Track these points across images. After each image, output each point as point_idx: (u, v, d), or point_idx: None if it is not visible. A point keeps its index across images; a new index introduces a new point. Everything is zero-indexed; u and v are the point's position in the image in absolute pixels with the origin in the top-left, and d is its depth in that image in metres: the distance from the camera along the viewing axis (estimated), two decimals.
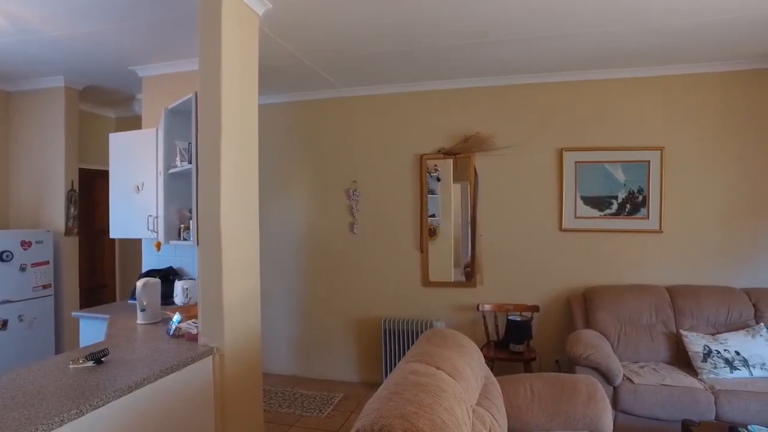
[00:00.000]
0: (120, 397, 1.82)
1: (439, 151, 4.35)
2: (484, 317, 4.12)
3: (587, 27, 3.13)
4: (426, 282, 4.42)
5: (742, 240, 3.88)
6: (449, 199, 4.37)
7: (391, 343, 4.27)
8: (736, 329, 3.48)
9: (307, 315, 4.74)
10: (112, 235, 3.70)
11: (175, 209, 3.13)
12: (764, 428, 2.32)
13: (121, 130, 3.91)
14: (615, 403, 3.15)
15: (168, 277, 3.57)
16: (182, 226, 3.12)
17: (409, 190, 4.46)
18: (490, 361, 3.80)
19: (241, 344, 2.54)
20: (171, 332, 2.58)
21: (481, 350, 3.91)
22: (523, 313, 4.02)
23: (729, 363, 3.23)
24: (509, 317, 3.96)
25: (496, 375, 2.59)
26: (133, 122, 4.58)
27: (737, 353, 3.27)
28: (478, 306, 4.14)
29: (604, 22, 3.05)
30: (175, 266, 3.73)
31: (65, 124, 4.32)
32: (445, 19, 3.00)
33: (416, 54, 3.64)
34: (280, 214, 4.80)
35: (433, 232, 4.40)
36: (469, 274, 4.32)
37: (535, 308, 4.05)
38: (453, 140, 4.33)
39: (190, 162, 2.79)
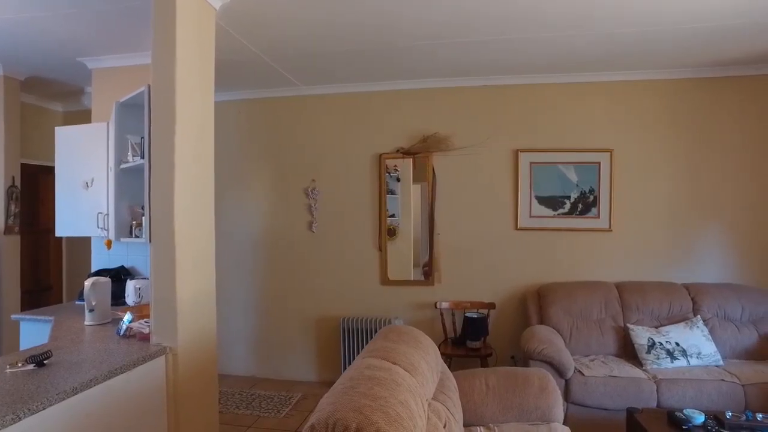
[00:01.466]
0: (63, 400, 1.75)
1: (398, 150, 4.39)
2: (441, 315, 4.18)
3: (541, 32, 3.23)
4: (385, 280, 4.44)
5: (683, 238, 4.10)
6: (409, 199, 4.41)
7: (350, 341, 4.27)
8: (677, 322, 3.67)
9: (266, 315, 4.68)
10: (58, 234, 3.53)
11: (126, 206, 3.03)
12: (696, 410, 2.46)
13: (69, 124, 3.74)
14: (567, 395, 3.27)
15: (119, 276, 3.45)
16: (134, 223, 3.02)
17: (368, 189, 4.48)
18: (447, 358, 3.87)
19: (196, 344, 2.49)
20: (121, 332, 2.49)
21: (439, 347, 3.98)
22: (480, 311, 4.11)
23: (670, 354, 3.41)
24: (466, 314, 4.03)
25: (453, 371, 2.63)
26: (83, 116, 4.39)
27: (677, 344, 3.45)
28: (436, 304, 4.20)
29: (558, 27, 3.15)
30: (127, 265, 3.61)
31: (4, 116, 4.09)
32: (401, 20, 3.03)
33: (376, 53, 3.66)
34: (238, 213, 4.72)
35: (392, 232, 4.43)
36: (427, 272, 4.38)
37: (491, 305, 4.14)
38: (412, 140, 4.38)
39: (142, 157, 2.71)
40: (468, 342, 3.92)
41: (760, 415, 2.43)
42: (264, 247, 4.67)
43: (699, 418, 2.42)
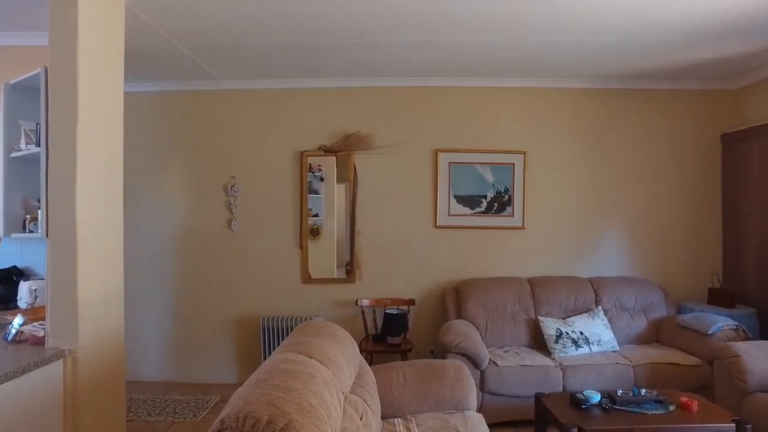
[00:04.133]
0: None
1: (320, 148, 4.37)
2: (362, 312, 4.21)
3: (461, 35, 3.35)
4: (306, 279, 4.40)
5: (588, 236, 4.42)
6: (333, 199, 4.40)
7: (270, 341, 4.19)
8: (581, 313, 3.95)
9: (181, 316, 4.47)
10: None
11: (19, 198, 2.77)
12: (594, 391, 2.68)
13: None
14: (482, 385, 3.41)
15: (11, 277, 3.14)
16: (28, 217, 2.77)
17: (290, 187, 4.42)
18: (368, 354, 3.90)
19: (100, 347, 2.32)
20: (10, 337, 2.27)
21: (360, 344, 3.99)
22: (400, 307, 4.19)
23: (575, 342, 3.66)
24: (387, 311, 4.09)
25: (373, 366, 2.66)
26: None
27: (581, 333, 3.71)
28: (357, 301, 4.23)
29: (476, 31, 3.28)
30: (20, 265, 3.30)
31: None
32: (324, 17, 3.03)
33: (299, 50, 3.62)
34: (152, 209, 4.47)
35: (316, 232, 4.40)
36: (349, 270, 4.39)
37: (411, 302, 4.23)
38: (334, 138, 4.37)
39: (38, 145, 2.49)
40: (388, 338, 3.98)
41: (644, 391, 2.70)
42: (180, 246, 4.47)
43: (595, 398, 2.63)
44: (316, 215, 4.40)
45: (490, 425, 2.66)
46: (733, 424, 2.47)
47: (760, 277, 4.00)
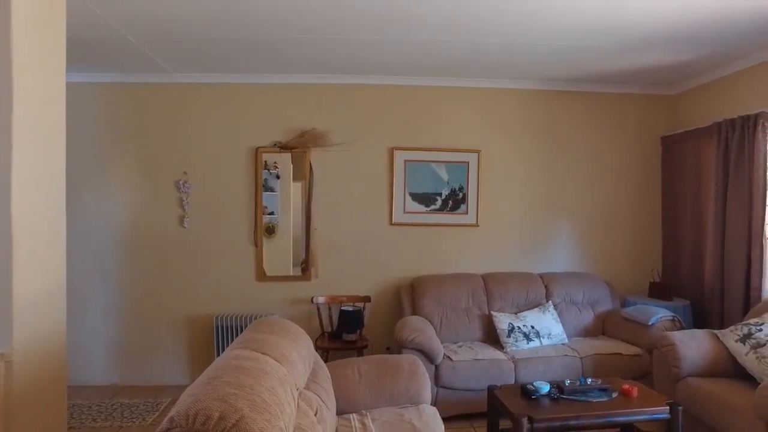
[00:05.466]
0: None
1: (275, 144, 4.32)
2: (318, 309, 4.20)
3: (418, 35, 3.38)
4: (261, 277, 4.34)
5: (539, 233, 4.57)
6: (289, 197, 4.36)
7: (224, 340, 4.11)
8: (533, 307, 4.08)
9: (130, 316, 4.31)
10: None
11: None
12: (544, 382, 2.78)
13: None
14: (437, 380, 3.47)
15: None
16: None
17: (245, 183, 4.35)
18: (324, 352, 3.90)
19: (38, 350, 2.21)
20: None
21: (316, 341, 3.99)
22: (356, 304, 4.20)
23: (526, 336, 3.78)
24: (342, 308, 4.09)
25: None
26: None
27: (532, 327, 3.84)
28: (312, 299, 4.21)
29: (433, 31, 3.32)
30: None
31: None
32: (277, 12, 2.99)
33: (252, 45, 3.56)
34: (98, 205, 4.28)
35: (272, 230, 4.34)
36: (304, 268, 4.36)
37: (366, 299, 4.25)
38: (289, 134, 4.33)
39: None
40: (344, 335, 3.98)
41: (590, 380, 2.84)
42: (129, 243, 4.30)
43: (545, 388, 2.73)
44: (271, 213, 4.35)
45: (445, 419, 2.72)
46: (667, 407, 2.62)
47: (693, 271, 4.25)
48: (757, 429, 2.54)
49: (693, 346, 3.10)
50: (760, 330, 2.98)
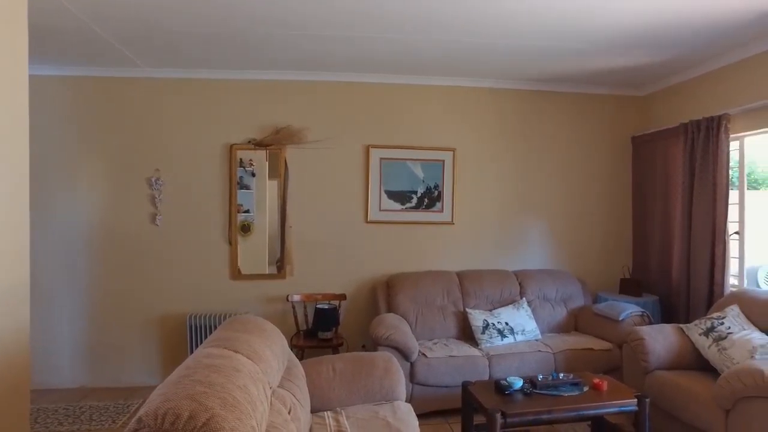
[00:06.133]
0: None
1: (250, 141, 4.27)
2: (293, 307, 4.17)
3: (391, 33, 3.38)
4: (235, 275, 4.29)
5: (513, 230, 4.63)
6: (264, 194, 4.31)
7: (198, 339, 4.04)
8: (507, 304, 4.13)
9: (100, 317, 4.20)
10: None
11: None
12: (517, 377, 2.82)
13: None
14: (412, 377, 3.48)
15: None
16: None
17: (219, 181, 4.29)
18: (299, 350, 3.87)
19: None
20: None
21: (291, 340, 3.96)
22: (331, 302, 4.18)
23: (500, 332, 3.83)
24: (318, 306, 4.07)
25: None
26: None
27: (507, 324, 3.89)
28: (287, 297, 4.18)
29: (405, 30, 3.33)
30: None
31: None
32: (255, 5, 2.95)
33: (225, 40, 3.51)
34: (66, 202, 4.16)
35: (247, 228, 4.29)
36: (280, 266, 4.33)
37: (342, 296, 4.24)
38: (264, 131, 4.29)
39: None
40: (320, 333, 3.96)
41: (562, 375, 2.90)
42: (99, 241, 4.19)
43: (518, 383, 2.77)
44: (247, 211, 4.30)
45: (420, 415, 2.74)
46: (635, 400, 2.69)
47: (662, 267, 4.37)
48: (718, 417, 2.63)
49: (660, 340, 3.19)
50: (722, 324, 3.08)
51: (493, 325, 3.87)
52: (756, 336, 2.90)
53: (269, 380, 1.92)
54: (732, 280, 3.82)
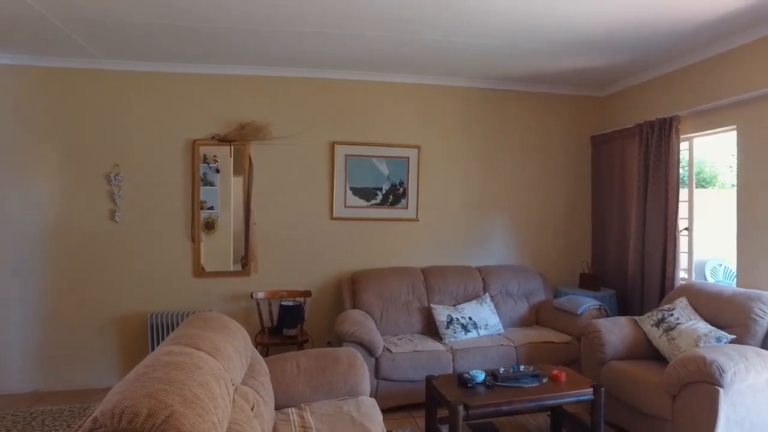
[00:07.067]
0: None
1: (214, 137, 4.19)
2: (258, 305, 4.13)
3: (355, 29, 3.38)
4: (199, 273, 4.21)
5: (477, 227, 4.71)
6: (229, 191, 4.25)
7: (159, 338, 3.95)
8: (471, 299, 4.21)
9: (54, 318, 4.05)
10: None
11: None
12: (479, 370, 2.88)
13: None
14: (377, 372, 3.51)
15: None
16: None
17: (181, 176, 4.19)
18: (264, 347, 3.85)
19: None
20: None
21: (256, 337, 3.93)
22: (296, 299, 4.16)
23: (464, 327, 3.89)
24: (282, 303, 4.04)
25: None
26: None
27: (470, 318, 3.96)
28: (252, 294, 4.13)
29: (372, 26, 3.33)
30: None
31: None
32: (218, 1, 2.91)
33: (192, 33, 3.43)
34: (15, 199, 3.98)
35: (211, 225, 4.22)
36: (244, 263, 4.27)
37: (307, 293, 4.23)
38: (228, 127, 4.22)
39: None
40: (285, 330, 3.94)
41: (522, 367, 2.97)
42: (54, 239, 4.04)
43: (480, 376, 2.84)
44: (211, 208, 4.22)
45: (385, 410, 2.77)
46: (591, 389, 2.80)
47: (618, 262, 4.54)
48: (666, 403, 2.78)
49: (616, 332, 3.32)
50: (671, 315, 3.24)
51: (457, 320, 3.93)
52: (701, 326, 3.06)
53: (232, 377, 1.90)
54: (682, 274, 4.01)
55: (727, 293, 3.19)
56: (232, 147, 4.22)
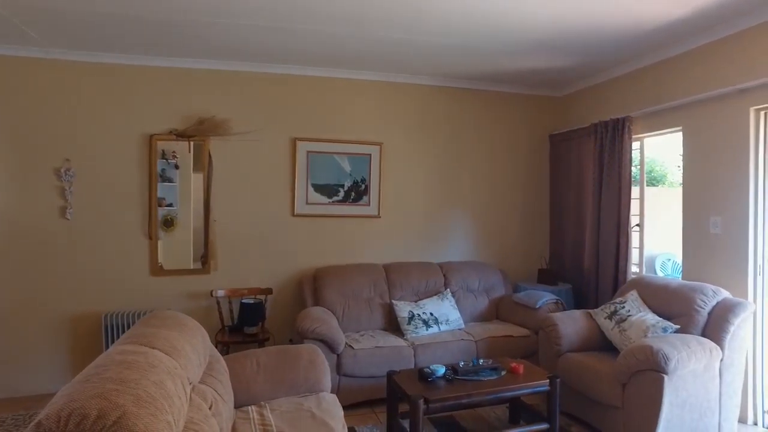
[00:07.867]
0: None
1: (172, 132, 4.08)
2: (218, 303, 4.05)
3: (314, 24, 3.35)
4: (156, 271, 4.10)
5: (438, 223, 4.77)
6: (189, 188, 4.15)
7: (114, 339, 3.81)
8: (432, 295, 4.26)
9: None
10: None
11: None
12: (440, 365, 2.94)
13: None
14: (339, 368, 3.51)
15: None
16: None
17: (137, 172, 4.06)
18: (224, 346, 3.79)
19: None
20: None
21: (216, 336, 3.87)
22: (257, 296, 4.11)
23: (425, 323, 3.94)
24: (243, 301, 3.98)
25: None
26: None
27: (431, 314, 4.01)
28: (212, 292, 4.06)
29: (336, 23, 3.32)
30: None
31: None
32: None
33: (148, 24, 3.32)
34: None
35: (170, 223, 4.11)
36: (204, 260, 4.19)
37: (268, 291, 4.18)
38: (187, 122, 4.12)
39: None
40: (245, 328, 3.88)
41: (482, 361, 3.04)
42: None
43: (440, 370, 2.88)
44: (170, 205, 4.11)
45: (347, 406, 2.77)
46: (547, 381, 2.89)
47: (575, 258, 4.69)
48: (617, 391, 2.92)
49: (571, 324, 3.44)
50: (623, 307, 3.38)
51: (419, 315, 3.97)
52: (649, 317, 3.20)
53: (188, 376, 1.87)
54: (634, 268, 4.18)
55: (673, 286, 3.35)
56: (191, 142, 4.12)
